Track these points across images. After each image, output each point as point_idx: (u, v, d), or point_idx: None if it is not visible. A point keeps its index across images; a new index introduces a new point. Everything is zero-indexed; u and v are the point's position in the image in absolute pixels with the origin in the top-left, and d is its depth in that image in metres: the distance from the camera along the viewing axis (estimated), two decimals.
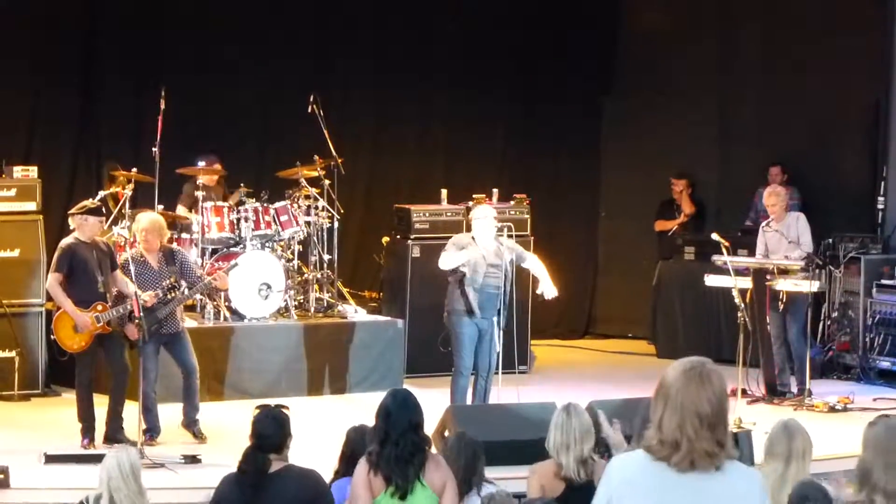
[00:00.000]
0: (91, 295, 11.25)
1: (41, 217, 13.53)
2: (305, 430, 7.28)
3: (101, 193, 13.53)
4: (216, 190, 14.35)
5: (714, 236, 13.60)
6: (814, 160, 16.19)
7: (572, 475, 7.69)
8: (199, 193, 13.86)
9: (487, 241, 12.01)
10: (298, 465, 7.15)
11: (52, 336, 11.51)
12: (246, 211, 13.96)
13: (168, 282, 11.52)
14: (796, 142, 16.34)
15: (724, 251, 13.26)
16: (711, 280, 13.96)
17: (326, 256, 14.50)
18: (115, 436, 11.26)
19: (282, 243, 14.20)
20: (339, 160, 14.55)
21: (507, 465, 9.45)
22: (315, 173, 14.40)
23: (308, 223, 14.32)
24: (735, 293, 13.02)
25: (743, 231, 15.53)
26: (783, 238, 13.73)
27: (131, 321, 11.22)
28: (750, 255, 14.03)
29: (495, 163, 17.39)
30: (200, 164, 14.12)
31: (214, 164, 14.43)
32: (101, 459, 7.45)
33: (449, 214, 14.99)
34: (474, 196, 15.04)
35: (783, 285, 13.57)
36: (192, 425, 11.69)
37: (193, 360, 11.73)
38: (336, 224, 14.54)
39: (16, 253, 13.40)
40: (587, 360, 16.47)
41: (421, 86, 16.99)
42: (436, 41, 17.16)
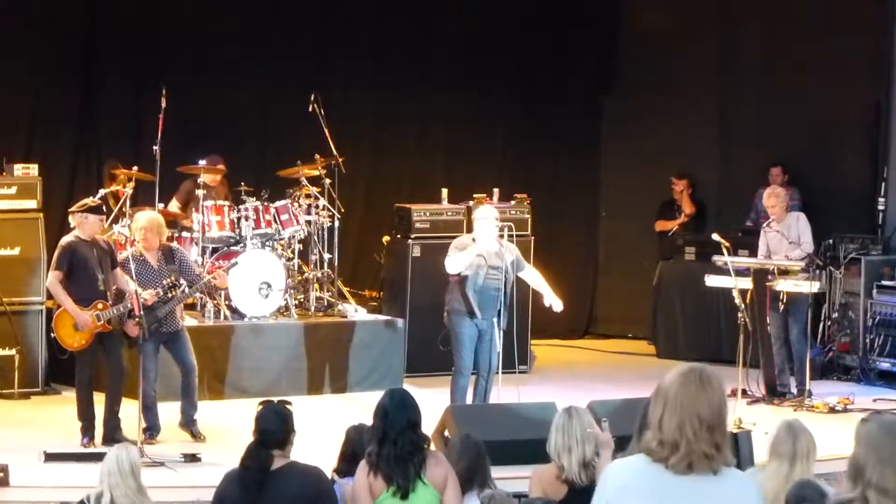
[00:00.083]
0: (91, 293, 11.25)
1: (41, 215, 13.53)
2: (306, 430, 7.26)
3: (102, 192, 13.52)
4: (219, 189, 14.34)
5: (714, 237, 13.60)
6: (814, 160, 16.18)
7: (574, 478, 7.65)
8: (200, 192, 13.87)
9: (489, 241, 11.99)
10: (302, 462, 7.14)
11: (53, 334, 11.52)
12: (246, 210, 13.97)
13: (168, 280, 11.51)
14: (796, 142, 16.34)
15: (725, 251, 13.26)
16: (712, 280, 13.95)
17: (327, 255, 14.50)
18: (114, 435, 11.24)
19: (282, 242, 14.20)
20: (340, 159, 14.56)
21: (507, 465, 9.42)
22: (316, 172, 14.40)
23: (308, 222, 14.32)
24: (735, 294, 13.03)
25: (743, 231, 15.53)
26: (784, 239, 13.73)
27: (131, 319, 11.23)
28: (751, 255, 14.03)
29: (495, 163, 17.38)
30: (201, 162, 14.11)
31: (218, 164, 14.41)
32: (100, 458, 7.47)
33: (449, 214, 14.98)
34: (475, 196, 15.05)
35: (784, 286, 13.57)
36: (190, 425, 11.68)
37: (192, 359, 11.73)
38: (336, 223, 14.54)
39: (16, 251, 13.40)
40: (587, 360, 16.46)
41: (421, 86, 16.98)
42: (436, 41, 17.15)
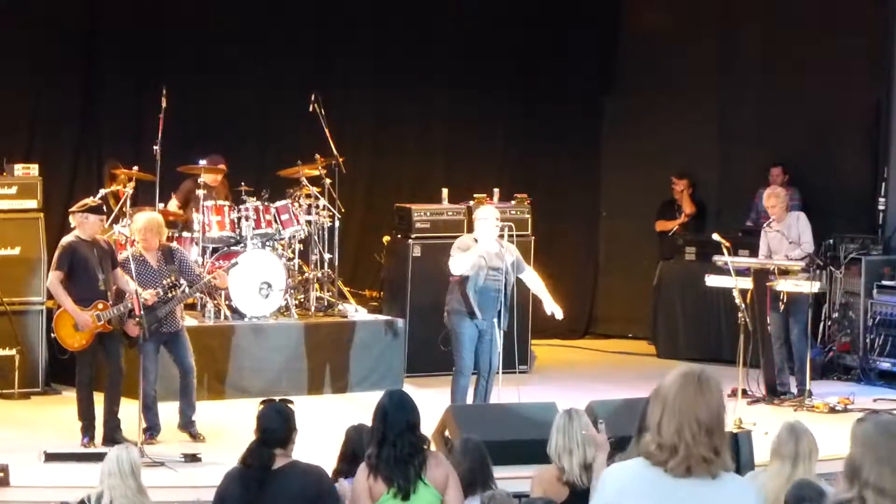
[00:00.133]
0: (92, 293, 11.24)
1: (42, 215, 13.53)
2: (306, 430, 7.25)
3: (102, 192, 13.52)
4: (219, 189, 14.33)
5: (715, 236, 13.59)
6: (814, 160, 16.18)
7: (575, 480, 7.64)
8: (200, 192, 13.86)
9: (490, 242, 11.98)
10: (303, 462, 7.14)
11: (53, 334, 11.51)
12: (247, 210, 13.96)
13: (168, 280, 11.51)
14: (796, 142, 16.34)
15: (725, 251, 13.26)
16: (712, 280, 13.94)
17: (327, 255, 14.50)
18: (113, 436, 11.24)
19: (282, 242, 14.19)
20: (341, 159, 14.56)
21: (507, 464, 9.42)
22: (316, 172, 14.40)
23: (309, 222, 14.31)
24: (736, 293, 13.02)
25: (744, 231, 15.53)
26: (784, 239, 13.72)
27: (131, 319, 11.23)
28: (751, 255, 14.02)
29: (496, 163, 17.37)
30: (201, 162, 14.10)
31: (219, 164, 14.40)
32: (101, 458, 7.46)
33: (450, 214, 14.97)
34: (475, 196, 15.05)
35: (784, 286, 13.56)
36: (189, 426, 11.66)
37: (191, 360, 11.72)
38: (337, 223, 14.54)
39: (16, 251, 13.40)
40: (588, 360, 16.45)
41: (421, 86, 16.97)
42: (436, 41, 17.15)
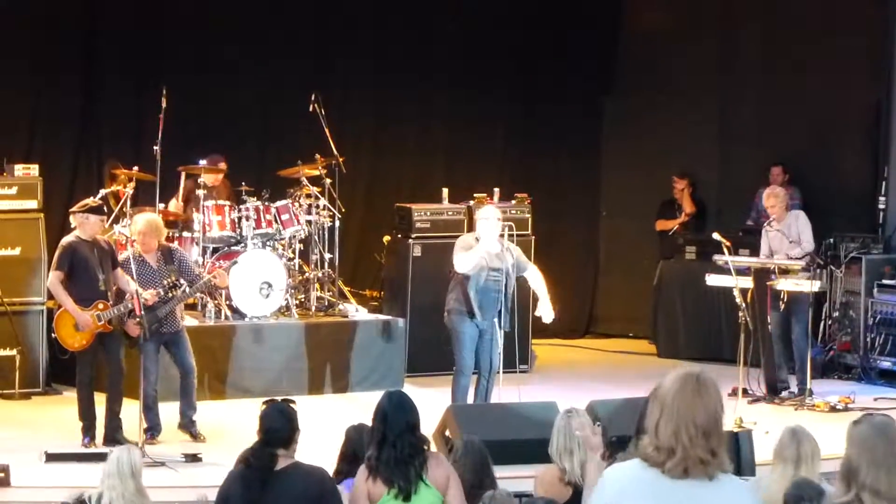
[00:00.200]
0: (92, 293, 11.24)
1: (42, 215, 13.53)
2: (306, 429, 7.24)
3: (102, 192, 13.51)
4: (220, 189, 14.32)
5: (715, 236, 13.59)
6: (814, 160, 16.18)
7: (577, 480, 7.61)
8: (201, 192, 13.86)
9: (491, 242, 11.97)
10: (306, 463, 7.13)
11: (53, 334, 11.51)
12: (247, 209, 13.96)
13: (169, 280, 11.51)
14: (797, 142, 16.34)
15: (725, 251, 13.25)
16: (712, 280, 13.94)
17: (327, 255, 14.50)
18: (114, 436, 11.25)
19: (283, 242, 14.19)
20: (341, 159, 14.56)
21: (508, 464, 9.42)
22: (316, 172, 14.39)
23: (309, 222, 14.31)
24: (736, 293, 13.02)
25: (744, 231, 15.52)
26: (785, 238, 13.72)
27: (132, 319, 11.23)
28: (751, 254, 14.01)
29: (496, 162, 17.37)
30: (202, 162, 14.10)
31: (219, 164, 14.39)
32: (101, 458, 7.47)
33: (450, 214, 14.97)
34: (475, 195, 15.05)
35: (784, 285, 13.56)
36: (189, 426, 11.66)
37: (191, 360, 11.72)
38: (337, 223, 14.54)
39: (17, 251, 13.40)
40: (588, 360, 16.45)
41: (421, 86, 16.97)
42: (436, 41, 17.14)
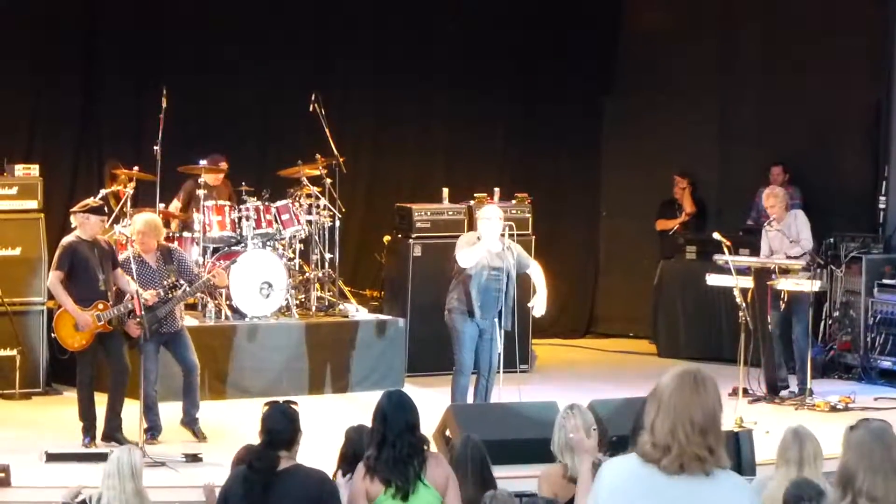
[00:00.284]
0: (92, 293, 11.24)
1: (42, 215, 13.53)
2: (307, 430, 7.24)
3: (103, 192, 13.51)
4: (221, 189, 14.31)
5: (715, 235, 13.59)
6: (814, 160, 16.18)
7: None
8: (201, 192, 13.86)
9: (493, 241, 11.98)
10: (306, 465, 7.13)
11: (53, 334, 11.51)
12: (247, 209, 13.96)
13: (169, 280, 11.51)
14: (797, 142, 16.34)
15: (726, 250, 13.25)
16: (713, 279, 13.94)
17: (328, 255, 14.50)
18: (114, 434, 11.27)
19: (283, 242, 14.19)
20: (341, 159, 14.56)
21: (508, 464, 9.42)
22: (316, 172, 14.39)
23: (309, 222, 14.31)
24: (736, 292, 13.02)
25: (744, 230, 15.52)
26: (785, 238, 13.72)
27: (132, 319, 11.23)
28: (752, 254, 14.01)
29: (496, 162, 17.37)
30: (202, 162, 14.09)
31: (220, 164, 14.38)
32: (102, 458, 7.46)
33: (450, 213, 14.98)
34: (475, 195, 15.05)
35: (785, 285, 13.56)
36: (192, 423, 11.68)
37: (194, 358, 11.72)
38: (337, 223, 14.55)
39: (17, 251, 13.40)
40: (588, 360, 16.44)
41: (421, 86, 16.97)
42: (436, 41, 17.14)
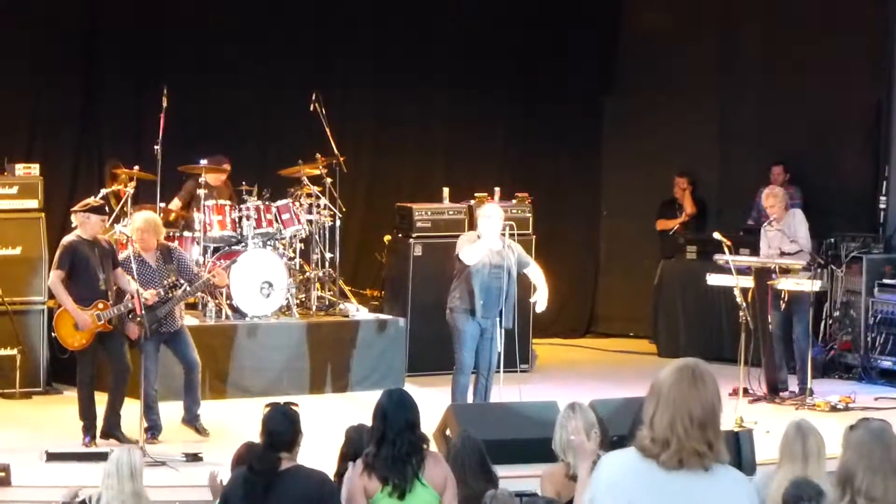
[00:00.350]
0: (92, 293, 11.24)
1: (43, 215, 13.53)
2: (307, 429, 7.24)
3: (103, 191, 13.51)
4: (222, 190, 14.31)
5: (716, 235, 13.59)
6: (815, 160, 16.18)
7: None
8: (201, 192, 13.86)
9: (493, 240, 11.98)
10: (307, 466, 7.13)
11: (54, 334, 11.52)
12: (248, 209, 13.95)
13: (169, 280, 11.51)
14: (797, 142, 16.34)
15: (726, 250, 13.26)
16: (713, 279, 13.94)
17: (328, 255, 14.50)
18: (112, 431, 11.29)
19: (283, 241, 14.18)
20: (342, 158, 14.56)
21: (508, 463, 9.41)
22: (317, 171, 14.39)
23: (310, 221, 14.31)
24: (737, 292, 13.02)
25: (744, 230, 15.51)
26: (785, 237, 13.72)
27: (131, 320, 11.24)
28: (752, 254, 14.00)
29: (496, 162, 17.37)
30: (202, 161, 14.08)
31: (223, 164, 14.37)
32: (102, 457, 7.46)
33: (451, 213, 14.98)
34: (476, 195, 15.05)
35: (785, 284, 13.56)
36: (193, 420, 11.69)
37: (195, 355, 11.73)
38: (338, 222, 14.54)
39: (17, 251, 13.40)
40: (588, 359, 16.45)
41: (421, 86, 16.97)
42: (436, 41, 17.15)
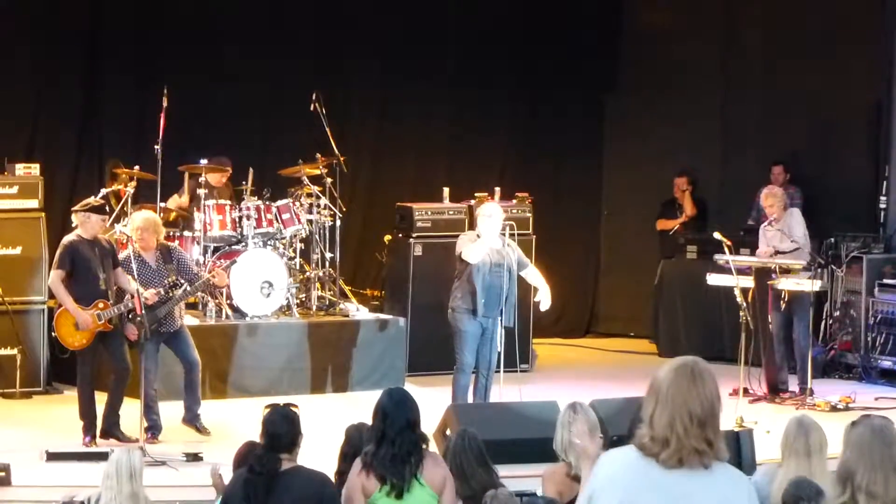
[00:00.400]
0: (93, 292, 11.24)
1: (43, 214, 13.53)
2: (307, 429, 7.25)
3: (104, 191, 13.51)
4: (222, 191, 14.30)
5: (716, 235, 13.57)
6: (815, 160, 16.19)
7: None
8: (202, 191, 13.85)
9: (493, 239, 11.98)
10: (308, 467, 7.13)
11: (54, 333, 11.52)
12: (248, 209, 13.95)
13: (170, 280, 11.51)
14: (798, 141, 16.34)
15: (726, 250, 13.25)
16: (713, 279, 13.94)
17: (328, 254, 14.50)
18: (112, 430, 11.30)
19: (284, 241, 14.18)
20: (342, 158, 14.55)
21: (508, 463, 9.41)
22: (317, 171, 14.39)
23: (310, 221, 14.31)
24: (737, 292, 13.01)
25: (745, 230, 15.50)
26: (785, 237, 13.72)
27: (131, 320, 11.24)
28: (752, 254, 14.00)
29: (497, 162, 17.37)
30: (202, 161, 14.08)
31: (225, 166, 14.35)
32: (102, 457, 7.46)
33: (451, 213, 14.97)
34: (476, 195, 15.04)
35: (785, 284, 13.56)
36: (194, 420, 11.70)
37: (195, 354, 11.73)
38: (338, 222, 14.54)
39: (18, 250, 13.40)
40: (589, 359, 16.46)
41: (421, 86, 16.96)
42: (436, 41, 17.13)
